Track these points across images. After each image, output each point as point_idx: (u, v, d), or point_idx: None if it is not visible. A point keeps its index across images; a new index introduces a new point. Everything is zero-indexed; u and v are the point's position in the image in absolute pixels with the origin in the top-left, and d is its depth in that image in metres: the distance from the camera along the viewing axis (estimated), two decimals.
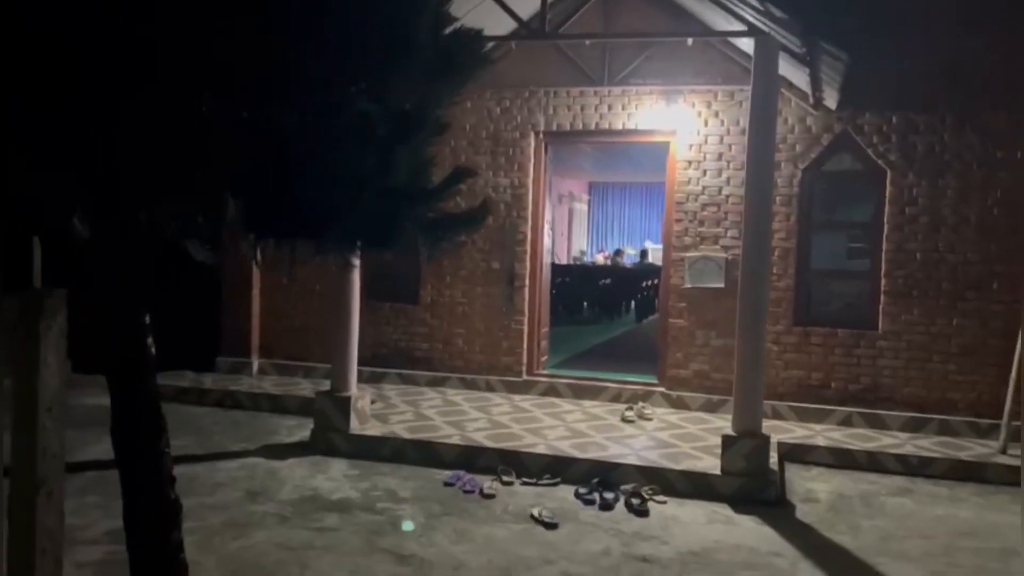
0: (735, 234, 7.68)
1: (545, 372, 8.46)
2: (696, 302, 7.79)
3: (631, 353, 10.75)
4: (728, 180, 7.69)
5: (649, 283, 15.48)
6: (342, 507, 5.33)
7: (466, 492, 5.69)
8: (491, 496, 5.60)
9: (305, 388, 8.33)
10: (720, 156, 7.70)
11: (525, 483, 5.89)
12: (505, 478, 5.92)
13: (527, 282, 8.28)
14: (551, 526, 5.09)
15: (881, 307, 7.35)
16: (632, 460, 6.07)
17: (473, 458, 6.22)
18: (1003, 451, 6.60)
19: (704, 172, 7.75)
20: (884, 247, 7.33)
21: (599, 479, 5.81)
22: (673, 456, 6.20)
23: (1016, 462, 6.41)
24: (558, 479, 5.93)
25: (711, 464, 5.99)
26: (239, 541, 4.71)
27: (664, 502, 5.59)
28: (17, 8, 2.08)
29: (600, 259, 20.20)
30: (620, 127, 7.99)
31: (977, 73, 6.96)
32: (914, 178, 7.22)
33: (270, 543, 4.70)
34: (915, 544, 4.99)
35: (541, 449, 6.26)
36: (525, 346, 8.30)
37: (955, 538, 5.11)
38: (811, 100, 7.29)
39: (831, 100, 7.18)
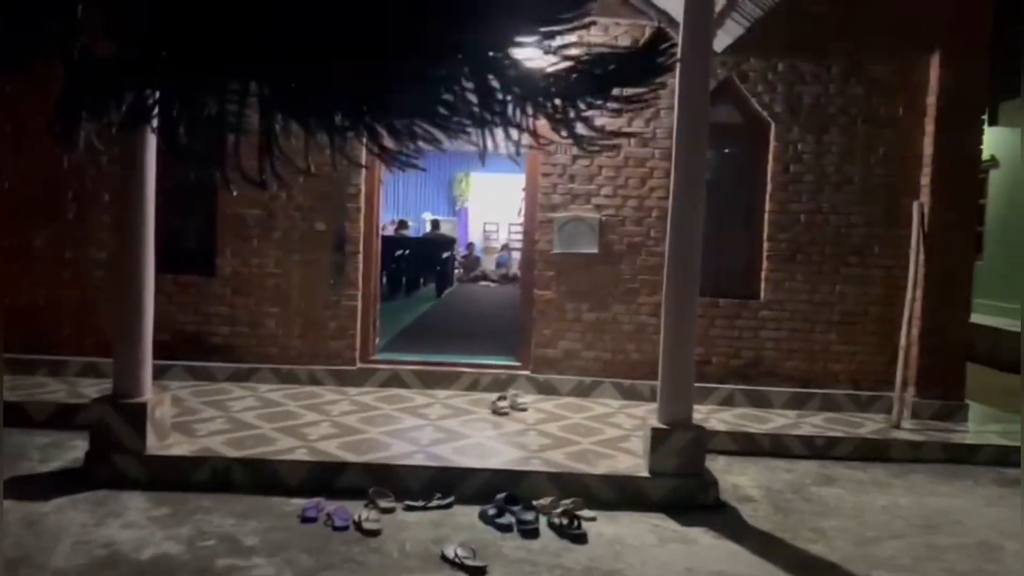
0: (609, 192, 6.68)
1: (383, 358, 6.93)
2: (566, 270, 6.68)
3: (458, 330, 9.50)
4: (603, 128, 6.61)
5: (446, 255, 14.31)
6: (164, 573, 3.56)
7: (336, 529, 4.12)
8: (374, 533, 4.08)
9: (55, 390, 6.13)
10: None
11: (410, 507, 4.43)
12: (382, 503, 4.41)
13: (361, 248, 6.69)
14: (478, 571, 3.71)
15: (764, 273, 6.71)
16: (537, 465, 4.83)
17: (331, 478, 4.63)
18: (896, 425, 6.20)
19: None
20: (767, 208, 6.68)
21: (505, 495, 4.50)
22: (581, 456, 5.04)
23: (915, 437, 6.02)
24: (451, 498, 4.53)
25: (632, 464, 4.91)
26: None
27: (593, 518, 4.41)
28: None
29: None
30: None
31: (865, 18, 6.47)
32: (799, 132, 6.62)
33: None
34: (894, 548, 4.24)
35: (420, 459, 4.81)
36: (359, 327, 6.71)
37: (924, 535, 4.45)
38: None
39: (723, 40, 6.33)
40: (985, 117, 12.02)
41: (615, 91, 1.65)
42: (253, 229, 6.64)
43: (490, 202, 20.80)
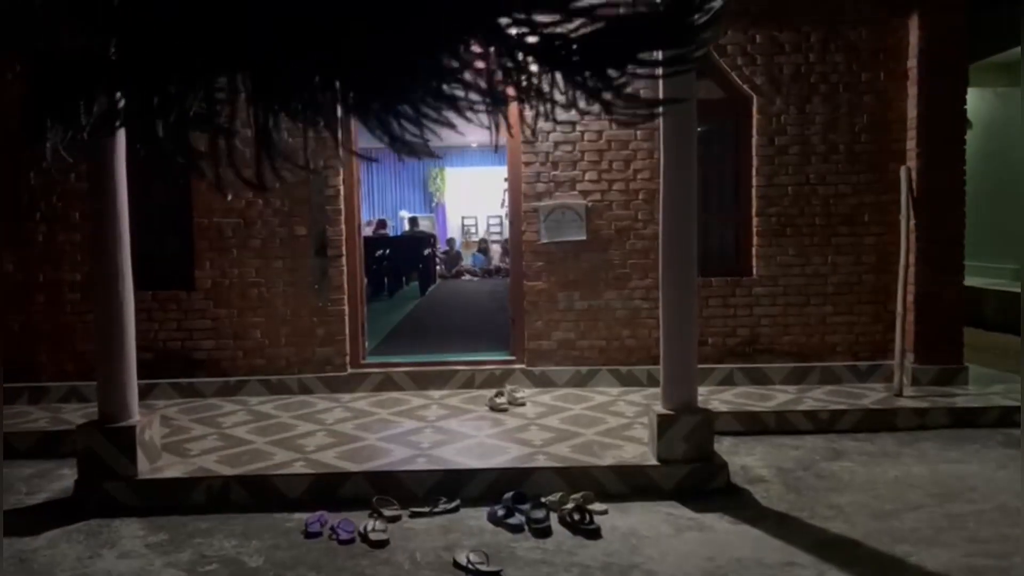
0: (593, 176, 6.56)
1: (374, 361, 6.77)
2: (556, 260, 6.55)
3: (447, 327, 9.35)
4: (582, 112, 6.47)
5: (428, 252, 14.15)
6: None
7: (342, 542, 3.97)
8: (382, 543, 3.94)
9: (38, 418, 5.93)
10: None
11: (416, 514, 4.30)
12: (387, 512, 4.27)
13: (344, 250, 6.52)
14: None
15: (754, 249, 6.62)
16: (543, 461, 4.70)
17: (332, 489, 4.48)
18: (899, 394, 6.13)
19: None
20: (755, 182, 6.58)
21: (513, 493, 4.37)
22: (586, 448, 4.93)
23: (919, 404, 5.96)
24: (456, 501, 4.40)
25: (639, 453, 4.80)
26: None
27: (604, 511, 4.30)
28: None
29: None
30: None
31: None
32: (781, 104, 6.51)
33: None
34: (914, 520, 4.15)
35: (422, 463, 4.67)
36: (347, 331, 6.55)
37: (942, 504, 4.37)
38: None
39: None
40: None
41: (650, 55, 1.50)
42: (231, 238, 6.45)
43: (467, 196, 20.62)
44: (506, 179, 7.12)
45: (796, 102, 6.50)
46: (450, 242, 18.98)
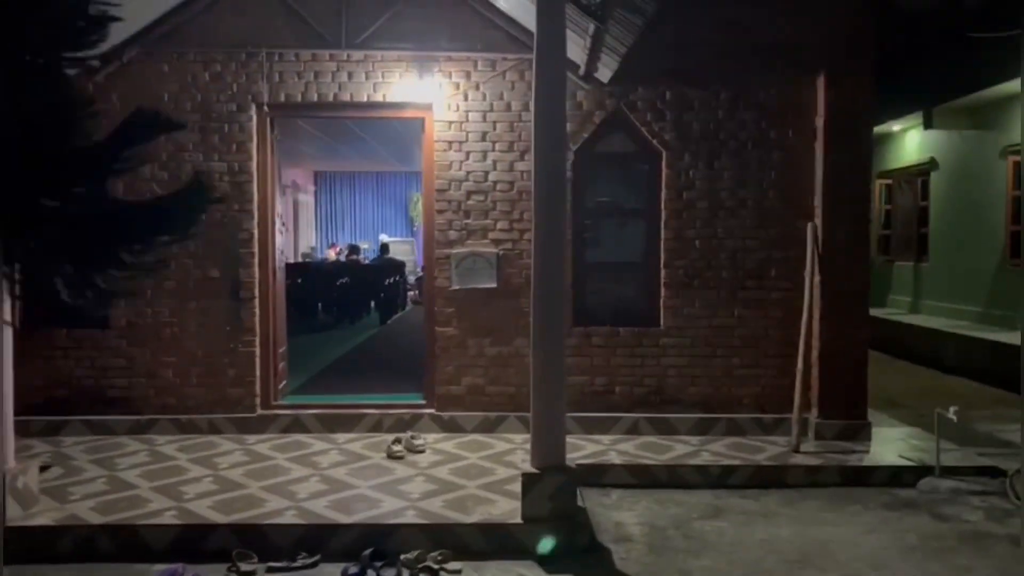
0: (505, 226, 6.66)
1: (285, 403, 6.86)
2: (466, 306, 6.65)
3: (384, 364, 9.44)
4: (494, 164, 6.61)
5: (392, 280, 14.25)
6: None
7: None
8: None
9: None
10: (484, 136, 6.60)
11: (272, 569, 4.37)
12: (244, 566, 4.35)
13: (257, 292, 6.62)
14: None
15: (662, 301, 6.70)
16: (411, 516, 4.77)
17: (196, 541, 4.56)
18: (796, 449, 6.19)
19: (467, 155, 6.61)
20: (663, 235, 6.67)
21: (372, 550, 4.44)
22: (460, 503, 5.00)
23: (812, 461, 6.02)
24: (317, 556, 4.47)
25: (509, 509, 4.87)
26: None
27: (459, 571, 4.37)
28: None
29: (332, 255, 18.56)
30: (364, 99, 6.59)
31: (748, 42, 6.49)
32: (690, 160, 6.62)
33: None
34: None
35: (290, 516, 4.75)
36: (258, 372, 6.65)
37: (792, 571, 4.42)
38: (582, 72, 6.42)
39: (605, 72, 6.35)
40: (921, 121, 12.24)
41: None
42: (146, 279, 6.56)
43: None
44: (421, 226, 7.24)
45: (705, 158, 6.61)
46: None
